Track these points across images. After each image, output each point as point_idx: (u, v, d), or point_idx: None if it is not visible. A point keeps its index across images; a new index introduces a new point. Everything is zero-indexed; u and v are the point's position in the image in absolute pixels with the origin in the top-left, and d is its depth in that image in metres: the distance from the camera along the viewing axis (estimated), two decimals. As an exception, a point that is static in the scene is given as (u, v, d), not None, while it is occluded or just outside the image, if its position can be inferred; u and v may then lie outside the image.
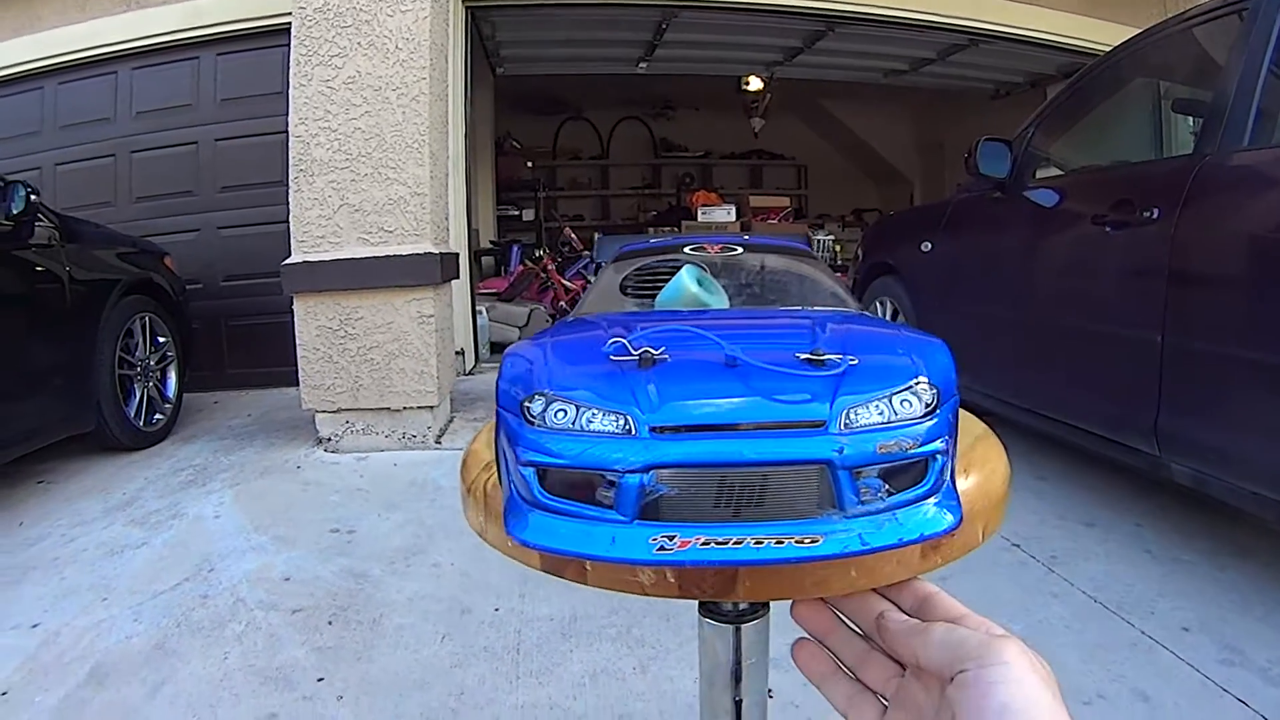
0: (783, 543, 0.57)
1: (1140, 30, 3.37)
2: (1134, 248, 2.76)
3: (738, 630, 0.82)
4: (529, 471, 0.63)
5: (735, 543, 0.57)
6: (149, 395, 4.62)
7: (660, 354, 0.66)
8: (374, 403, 4.35)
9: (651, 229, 11.48)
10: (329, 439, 4.41)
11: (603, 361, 0.68)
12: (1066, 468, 3.68)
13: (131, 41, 6.09)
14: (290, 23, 4.28)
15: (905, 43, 7.94)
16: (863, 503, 0.58)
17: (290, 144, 4.28)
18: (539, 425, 0.64)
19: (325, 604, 2.62)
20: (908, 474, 0.59)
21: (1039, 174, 3.61)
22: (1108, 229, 2.87)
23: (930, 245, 4.19)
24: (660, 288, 0.88)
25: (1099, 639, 2.28)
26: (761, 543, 0.57)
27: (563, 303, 8.09)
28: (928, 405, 0.59)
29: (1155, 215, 2.64)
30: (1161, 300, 2.59)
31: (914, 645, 0.59)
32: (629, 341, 0.67)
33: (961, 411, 0.86)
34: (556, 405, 0.64)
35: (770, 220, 10.19)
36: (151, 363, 4.67)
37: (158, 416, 4.70)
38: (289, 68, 4.29)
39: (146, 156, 6.22)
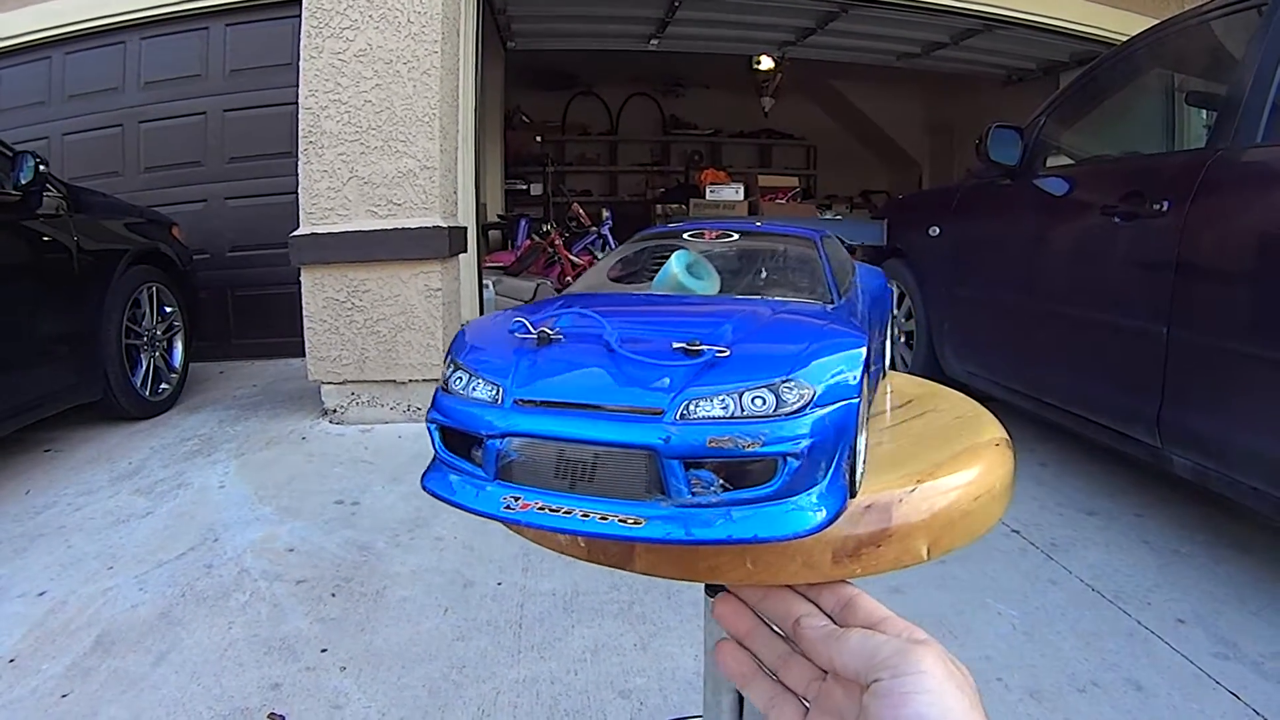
0: (607, 519, 0.59)
1: (1157, 21, 3.36)
2: (1143, 239, 2.76)
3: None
4: (432, 428, 0.70)
5: (566, 512, 0.60)
6: (155, 365, 4.63)
7: (556, 334, 0.69)
8: (380, 375, 4.36)
9: (659, 206, 11.45)
10: (334, 410, 4.43)
11: (509, 338, 0.71)
12: (1068, 456, 3.69)
13: (140, 11, 6.05)
14: (301, -6, 4.28)
15: (919, 26, 7.89)
16: (694, 494, 0.58)
17: (300, 116, 4.28)
18: (444, 389, 0.70)
19: (329, 575, 2.64)
20: (752, 473, 0.58)
21: (1049, 162, 3.60)
22: (1117, 220, 2.86)
23: (938, 230, 4.19)
24: (657, 270, 0.89)
25: (1095, 627, 2.30)
26: (589, 516, 0.59)
27: (569, 278, 8.08)
28: (789, 405, 0.58)
29: (1165, 208, 2.63)
30: (1168, 293, 2.59)
31: (829, 652, 0.59)
32: (529, 321, 0.71)
33: (966, 419, 0.88)
34: (457, 373, 0.69)
35: (778, 200, 10.14)
36: (158, 332, 4.68)
37: (164, 386, 4.71)
38: (299, 39, 4.29)
39: (154, 127, 6.20)
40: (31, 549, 2.86)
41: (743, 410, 0.58)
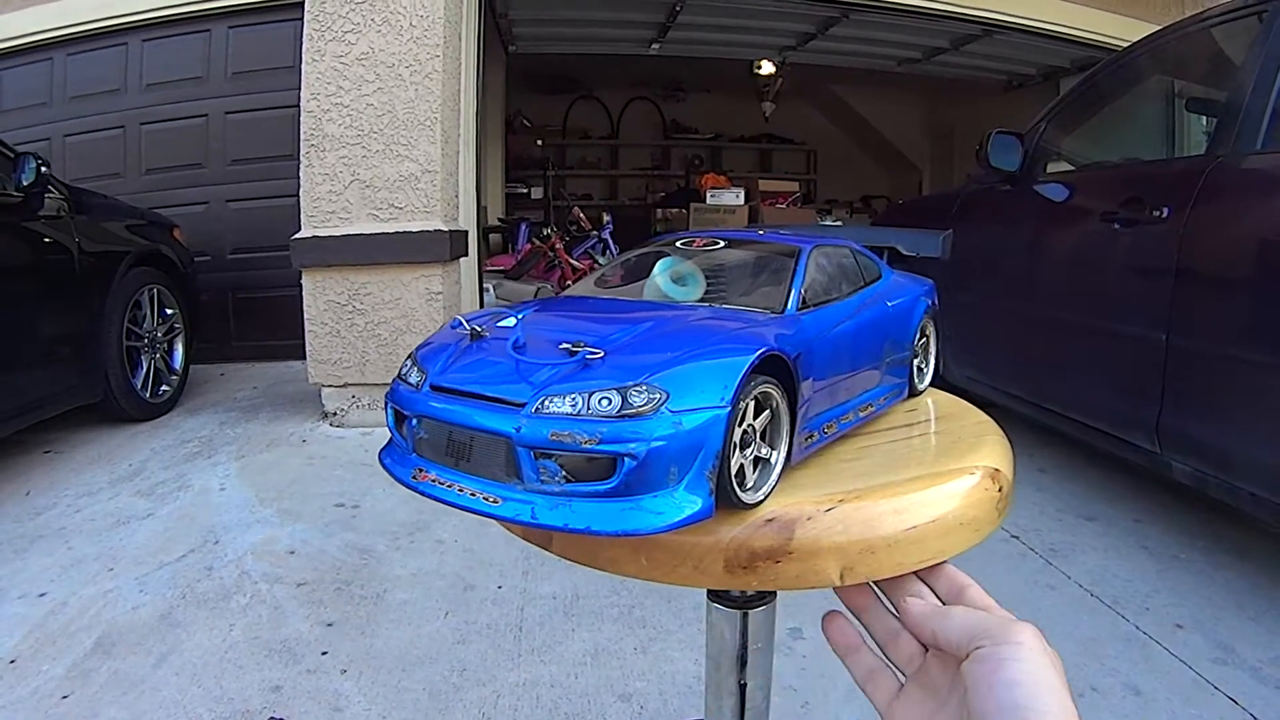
0: (475, 496, 0.66)
1: (1158, 27, 3.37)
2: (1142, 246, 2.77)
3: (744, 616, 0.84)
4: (388, 407, 0.78)
5: (448, 485, 0.67)
6: (156, 367, 4.64)
7: (482, 331, 0.77)
8: (380, 378, 4.37)
9: (659, 210, 11.45)
10: (335, 413, 4.43)
11: (454, 334, 0.79)
12: (1068, 461, 3.70)
13: (143, 13, 6.06)
14: (304, -3, 4.29)
15: (919, 31, 7.90)
16: (541, 481, 0.63)
17: (302, 119, 4.29)
18: (398, 376, 0.78)
19: (330, 578, 2.64)
20: (591, 468, 0.62)
21: (1050, 168, 3.61)
22: (1117, 226, 2.87)
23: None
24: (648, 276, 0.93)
25: (1094, 632, 2.30)
26: (463, 491, 0.66)
27: (569, 281, 8.07)
28: (634, 408, 0.60)
29: (1165, 214, 2.64)
30: (1168, 299, 2.59)
31: (934, 626, 0.63)
32: (465, 320, 0.78)
33: (965, 442, 0.87)
34: (407, 361, 0.78)
35: (779, 205, 10.15)
36: (159, 334, 4.69)
37: (164, 388, 4.72)
38: (301, 42, 4.30)
39: (156, 129, 6.20)
40: (32, 550, 2.86)
41: (588, 409, 0.61)
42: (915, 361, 1.05)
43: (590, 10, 7.74)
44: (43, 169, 3.81)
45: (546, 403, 0.63)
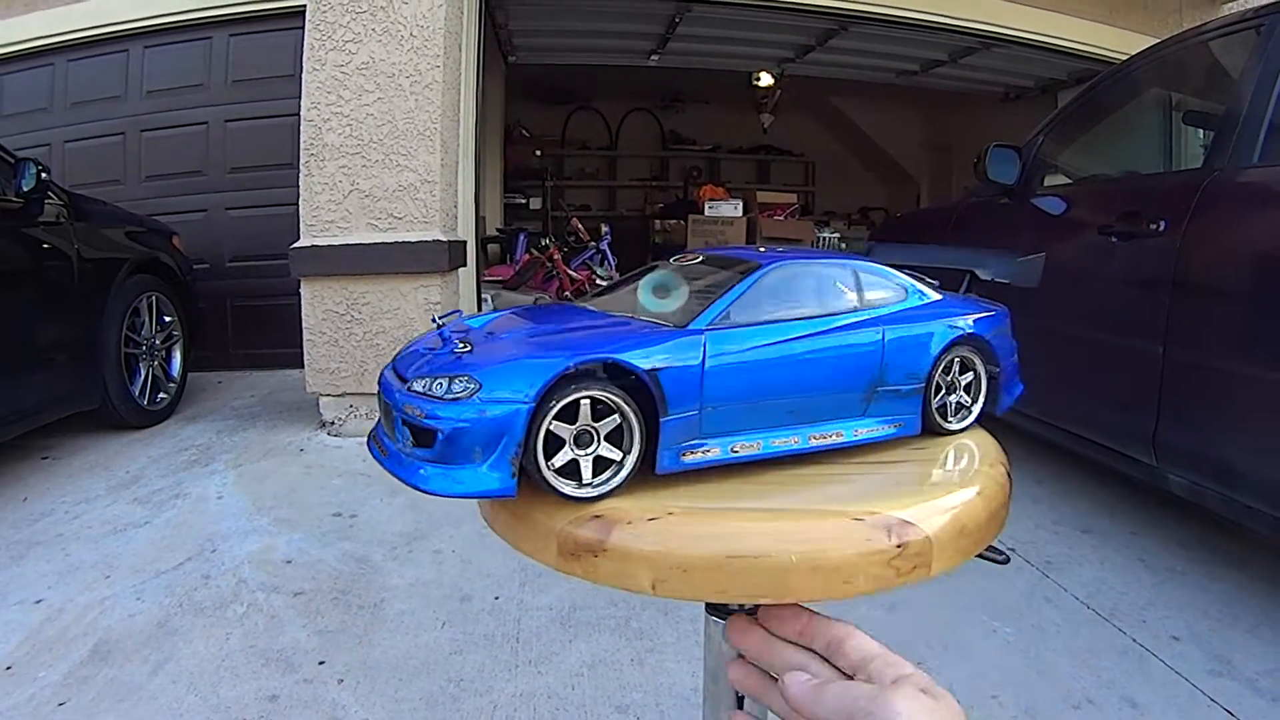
0: (378, 450, 0.83)
1: (1155, 40, 3.38)
2: (1139, 259, 2.77)
3: (743, 630, 0.84)
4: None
5: (380, 447, 0.83)
6: (154, 374, 4.64)
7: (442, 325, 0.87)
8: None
9: (657, 221, 11.46)
10: (332, 422, 4.43)
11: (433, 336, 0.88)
12: (1064, 474, 3.70)
13: (144, 20, 6.08)
14: (304, 5, 4.29)
15: (918, 44, 7.92)
16: (401, 443, 0.77)
17: (302, 128, 4.29)
18: None
19: (327, 587, 2.64)
20: (425, 437, 0.73)
21: (1047, 181, 3.62)
22: (1114, 239, 2.88)
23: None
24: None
25: (1090, 645, 2.31)
26: (382, 449, 0.82)
27: (567, 292, 8.08)
28: (454, 394, 0.71)
29: (1162, 227, 2.65)
30: (1165, 312, 2.60)
31: (810, 711, 0.60)
32: (435, 321, 0.90)
33: (924, 480, 0.84)
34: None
35: (776, 217, 10.14)
36: (157, 342, 4.69)
37: (162, 395, 4.72)
38: (302, 51, 4.30)
39: (156, 136, 6.22)
40: (29, 556, 2.86)
41: (429, 391, 0.73)
42: (943, 397, 0.95)
43: (590, 21, 7.75)
44: (43, 175, 3.82)
45: (414, 383, 0.76)
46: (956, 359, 0.95)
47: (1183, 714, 1.98)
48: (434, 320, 0.90)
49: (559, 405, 0.71)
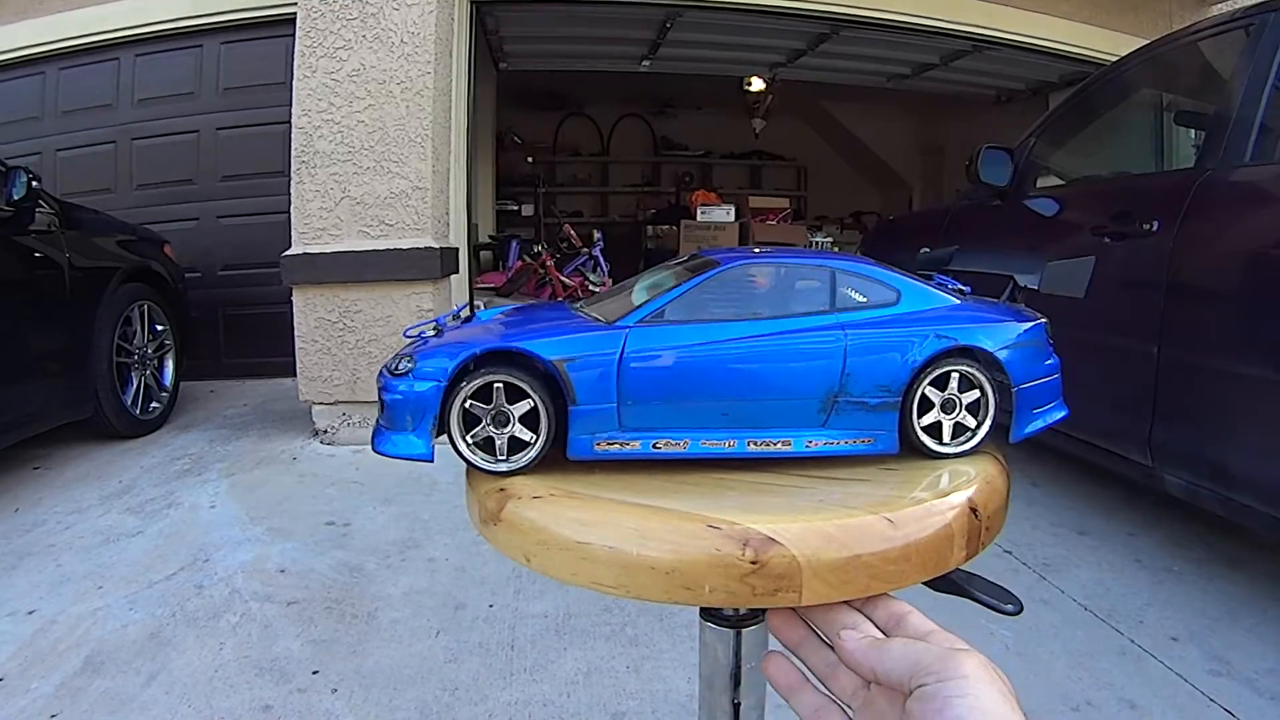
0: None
1: (1146, 41, 3.38)
2: (1133, 259, 2.77)
3: (738, 634, 0.84)
4: None
5: None
6: (146, 383, 4.62)
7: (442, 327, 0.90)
8: (371, 396, 4.34)
9: (650, 227, 11.46)
10: (325, 431, 4.42)
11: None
12: (1060, 475, 3.70)
13: (135, 28, 6.07)
14: (295, 13, 4.29)
15: (909, 47, 7.93)
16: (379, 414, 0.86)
17: (293, 136, 4.29)
18: None
19: (320, 597, 2.63)
20: (381, 406, 0.84)
21: (1040, 183, 3.62)
22: (1107, 240, 2.88)
23: (929, 251, 4.19)
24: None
25: (1088, 646, 2.30)
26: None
27: (559, 298, 8.08)
28: (400, 372, 0.81)
29: (1155, 228, 2.65)
30: (1159, 312, 2.60)
31: (872, 663, 0.60)
32: (454, 314, 0.96)
33: (871, 498, 0.78)
34: None
35: (769, 222, 10.14)
36: (149, 351, 4.67)
37: (154, 405, 4.70)
38: (293, 59, 4.30)
39: (147, 144, 6.21)
40: (20, 567, 2.84)
41: (391, 369, 0.82)
42: (936, 415, 0.86)
43: (581, 27, 7.75)
44: (34, 183, 3.81)
45: (391, 364, 0.83)
46: (955, 373, 0.85)
47: (1182, 714, 1.98)
48: (453, 313, 0.95)
49: (469, 387, 0.79)
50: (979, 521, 0.77)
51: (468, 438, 0.81)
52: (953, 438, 0.86)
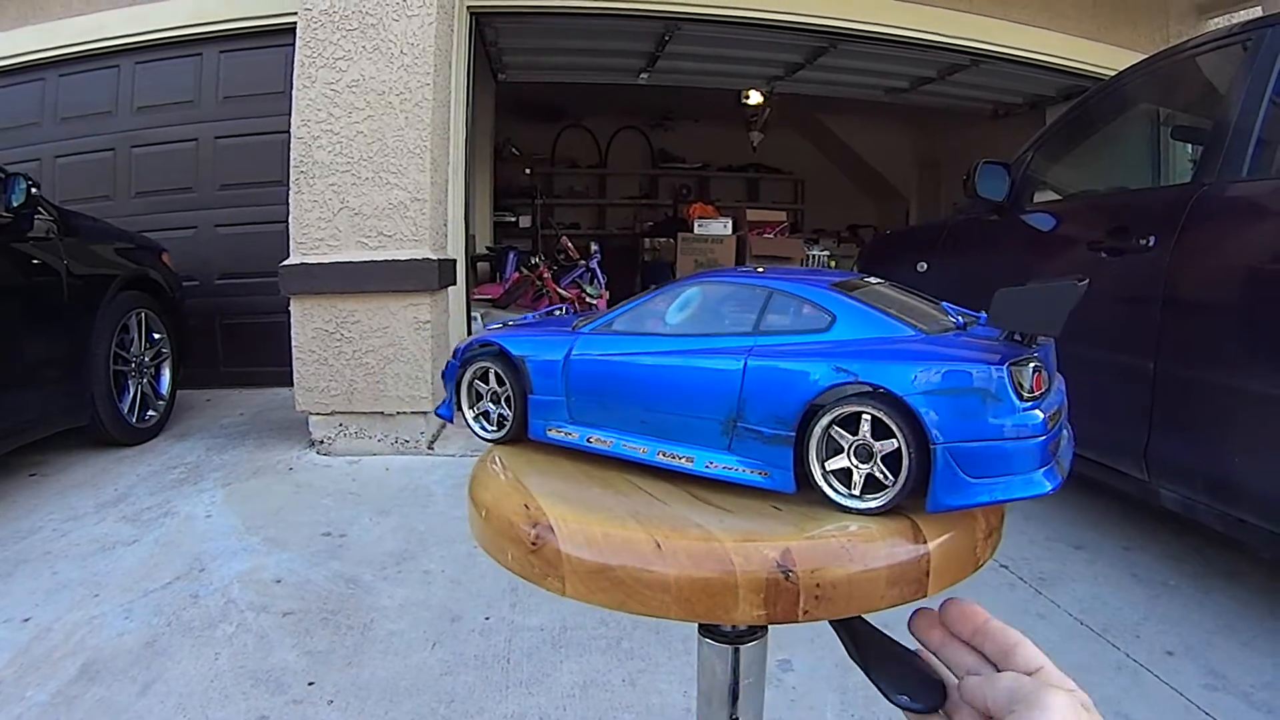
0: None
1: (1143, 56, 3.39)
2: (1129, 275, 2.78)
3: (736, 651, 0.83)
4: None
5: None
6: (143, 391, 4.62)
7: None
8: (368, 406, 4.36)
9: (647, 239, 11.47)
10: (322, 441, 4.41)
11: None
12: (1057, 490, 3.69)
13: (136, 35, 6.08)
14: (295, 23, 4.29)
15: (907, 61, 7.95)
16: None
17: (292, 145, 4.29)
18: None
19: (316, 608, 2.62)
20: None
21: (1037, 197, 3.62)
22: (1104, 255, 2.89)
23: (926, 266, 4.20)
24: None
25: (1084, 661, 2.30)
26: None
27: (554, 310, 8.06)
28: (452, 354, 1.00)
29: (1151, 243, 2.66)
30: (1155, 327, 2.61)
31: (984, 692, 0.63)
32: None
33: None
34: None
35: (766, 235, 10.17)
36: (146, 359, 4.67)
37: (151, 413, 4.70)
38: (293, 68, 4.30)
39: (146, 152, 6.21)
40: (16, 574, 2.84)
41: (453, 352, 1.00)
42: (844, 460, 0.74)
43: (579, 40, 7.76)
44: (32, 190, 3.82)
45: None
46: (867, 416, 0.72)
47: (1178, 731, 1.98)
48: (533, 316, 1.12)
49: (470, 370, 0.97)
50: (793, 584, 0.68)
51: (473, 409, 0.99)
52: (865, 490, 0.74)
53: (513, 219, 11.55)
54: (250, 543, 3.15)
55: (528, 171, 12.18)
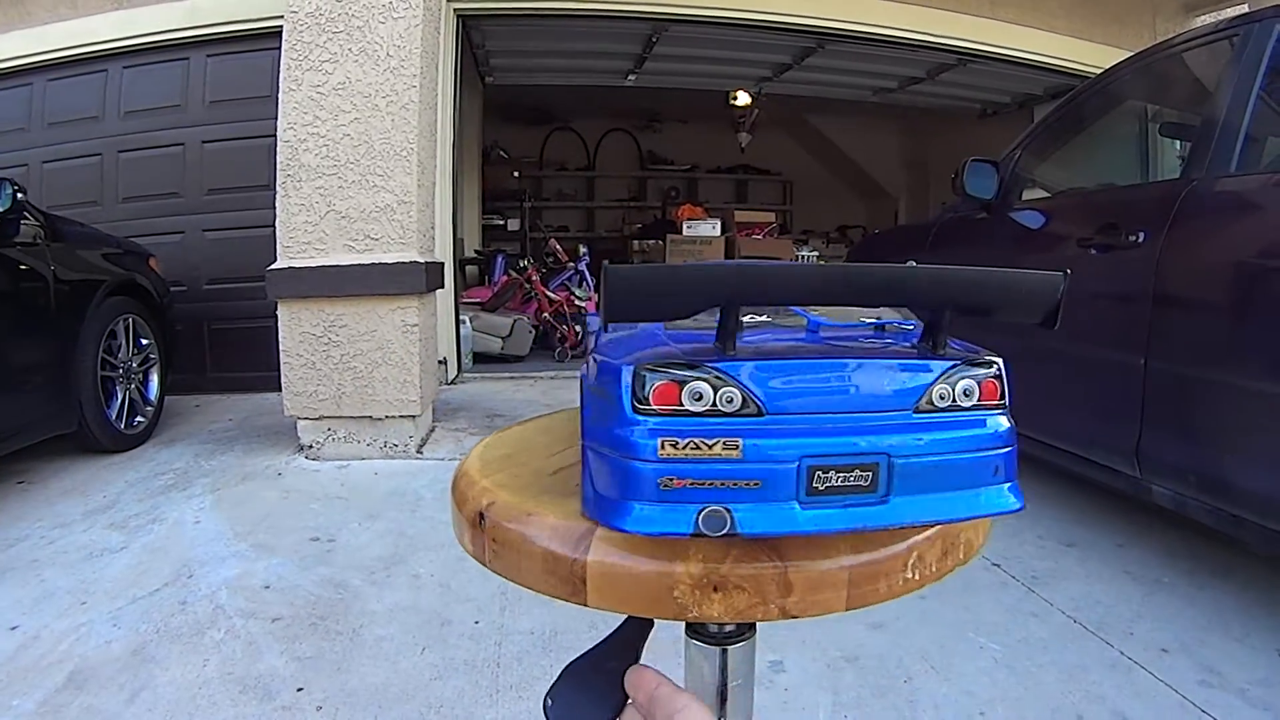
0: None
1: (1130, 54, 3.40)
2: (1119, 271, 2.77)
3: (724, 652, 0.82)
4: None
5: None
6: (131, 397, 4.59)
7: None
8: (356, 411, 4.34)
9: (636, 242, 11.47)
10: (310, 446, 4.39)
11: None
12: (1047, 488, 3.70)
13: (123, 40, 6.07)
14: (281, 27, 4.28)
15: (895, 61, 7.98)
16: None
17: (278, 149, 4.27)
18: None
19: (305, 613, 2.61)
20: None
21: (1025, 195, 3.62)
22: (1093, 252, 2.88)
23: (914, 264, 4.19)
24: None
25: (1078, 659, 2.29)
26: None
27: (546, 314, 8.08)
28: None
29: (1141, 239, 2.65)
30: (1145, 324, 2.60)
31: None
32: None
33: None
34: None
35: (755, 236, 10.18)
36: (134, 365, 4.64)
37: (139, 419, 4.67)
38: (279, 72, 4.28)
39: (134, 157, 6.19)
40: (3, 582, 2.81)
41: None
42: None
43: (567, 41, 7.77)
44: (19, 195, 3.80)
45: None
46: None
47: (1172, 728, 1.98)
48: None
49: None
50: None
51: None
52: None
53: (501, 222, 11.54)
54: (239, 548, 3.13)
55: (516, 174, 12.16)
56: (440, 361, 5.62)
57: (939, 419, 0.65)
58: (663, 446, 0.60)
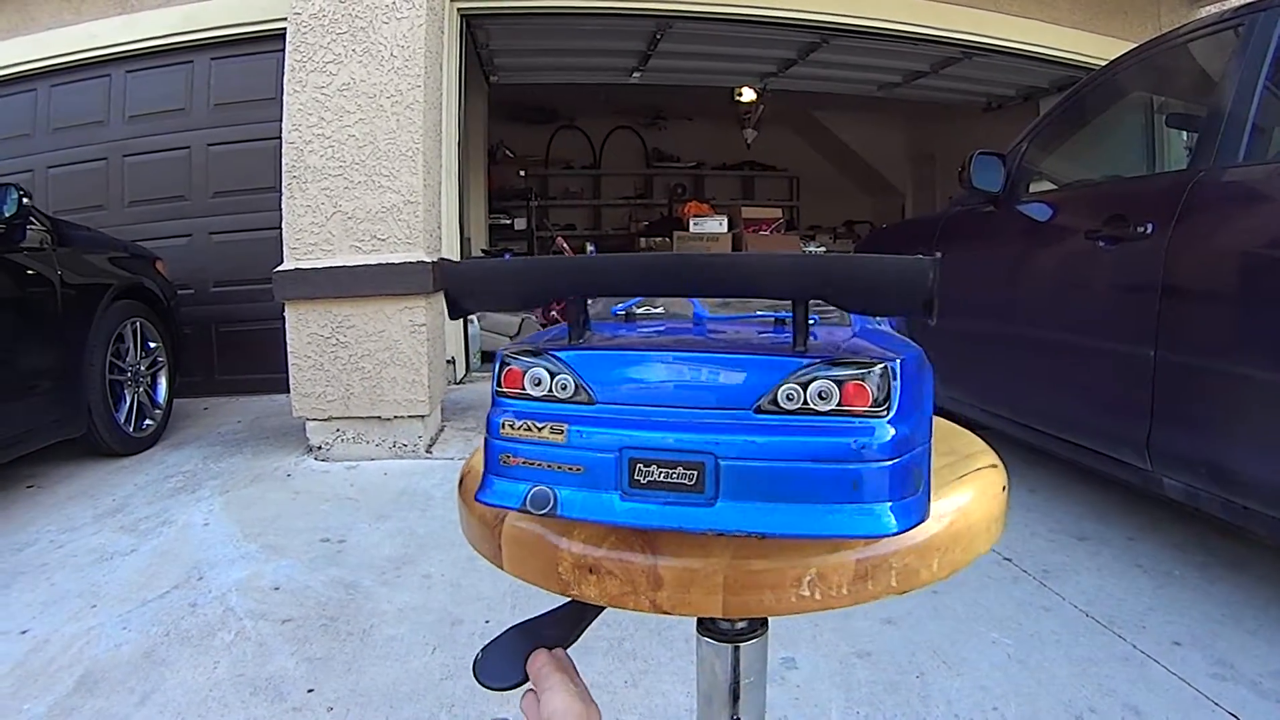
0: None
1: (1134, 45, 3.38)
2: (1127, 263, 2.76)
3: (736, 649, 0.82)
4: None
5: None
6: (139, 401, 4.60)
7: None
8: (365, 411, 4.34)
9: (643, 239, 11.47)
10: (319, 447, 4.40)
11: None
12: (1058, 481, 3.69)
13: (126, 44, 6.07)
14: (285, 28, 4.28)
15: (900, 55, 7.96)
16: None
17: (284, 151, 4.27)
18: None
19: (315, 614, 2.61)
20: None
21: (1032, 188, 3.61)
22: (1101, 244, 2.87)
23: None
24: None
25: (1090, 653, 2.28)
26: None
27: (554, 312, 8.07)
28: None
29: (1149, 230, 2.64)
30: (1154, 315, 2.59)
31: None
32: None
33: None
34: None
35: (762, 232, 10.18)
36: (142, 368, 4.65)
37: (148, 422, 4.68)
38: (283, 74, 4.29)
39: (139, 161, 6.19)
40: (13, 586, 2.82)
41: None
42: None
43: (571, 40, 7.76)
44: (25, 200, 3.80)
45: None
46: None
47: (1187, 719, 1.97)
48: None
49: None
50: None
51: None
52: None
53: (508, 221, 11.55)
54: (248, 550, 3.13)
55: (522, 173, 12.18)
56: (448, 361, 5.62)
57: (782, 421, 0.62)
58: (504, 426, 0.68)
